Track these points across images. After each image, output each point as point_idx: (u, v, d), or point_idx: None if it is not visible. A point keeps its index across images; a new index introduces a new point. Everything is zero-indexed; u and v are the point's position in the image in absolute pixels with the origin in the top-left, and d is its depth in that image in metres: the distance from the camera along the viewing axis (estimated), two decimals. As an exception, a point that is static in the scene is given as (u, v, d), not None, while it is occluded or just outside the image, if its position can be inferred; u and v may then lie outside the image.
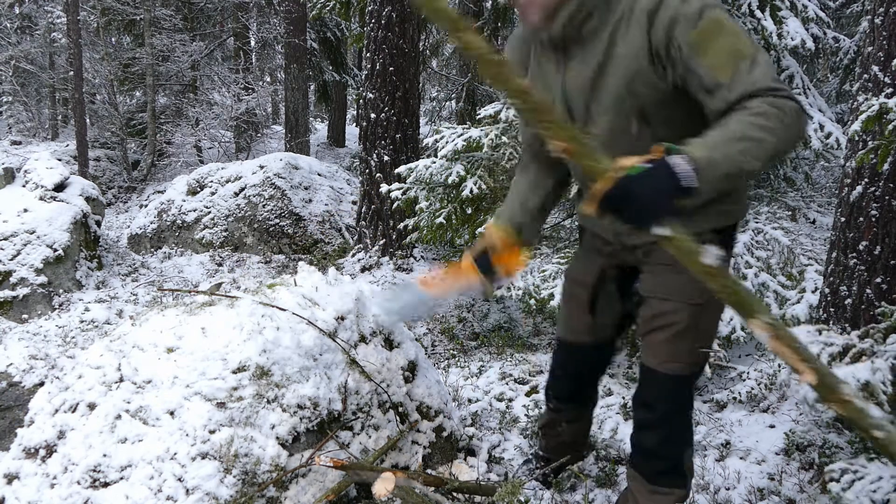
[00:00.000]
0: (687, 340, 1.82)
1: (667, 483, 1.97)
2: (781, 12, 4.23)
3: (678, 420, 1.95)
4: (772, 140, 1.41)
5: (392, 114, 6.39)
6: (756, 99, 1.44)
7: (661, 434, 1.94)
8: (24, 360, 4.38)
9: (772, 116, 1.41)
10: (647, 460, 1.99)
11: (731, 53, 1.48)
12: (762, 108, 1.42)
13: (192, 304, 2.28)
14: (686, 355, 1.84)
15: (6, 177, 6.29)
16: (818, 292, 3.27)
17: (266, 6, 13.59)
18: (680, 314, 1.80)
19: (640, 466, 2.01)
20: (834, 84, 9.90)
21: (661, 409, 1.92)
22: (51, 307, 5.59)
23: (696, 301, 1.77)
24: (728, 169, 1.39)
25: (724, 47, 1.48)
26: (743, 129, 1.41)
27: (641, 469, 2.01)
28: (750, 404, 3.11)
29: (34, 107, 15.79)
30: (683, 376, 1.88)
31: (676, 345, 1.83)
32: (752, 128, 1.41)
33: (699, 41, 1.49)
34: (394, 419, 2.33)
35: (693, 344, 1.83)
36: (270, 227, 7.56)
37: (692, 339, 1.82)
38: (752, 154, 1.40)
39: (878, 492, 2.00)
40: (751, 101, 1.44)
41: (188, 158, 12.49)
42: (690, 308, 1.79)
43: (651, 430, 1.96)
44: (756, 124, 1.41)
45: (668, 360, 1.86)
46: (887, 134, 2.24)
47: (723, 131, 1.43)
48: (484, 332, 4.63)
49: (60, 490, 1.94)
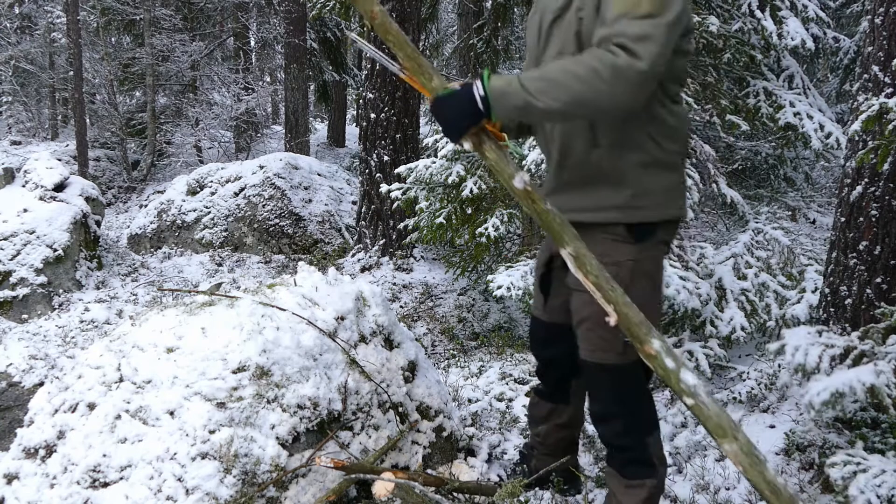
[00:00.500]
0: (607, 328, 1.73)
1: (636, 474, 1.97)
2: (781, 12, 4.23)
3: (628, 409, 1.94)
4: (577, 88, 1.53)
5: (392, 114, 6.39)
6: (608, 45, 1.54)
7: (616, 426, 1.95)
8: (24, 360, 4.38)
9: (589, 68, 1.52)
10: (613, 453, 2.01)
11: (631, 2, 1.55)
12: (589, 57, 1.54)
13: (191, 304, 2.28)
14: (615, 344, 1.83)
15: (6, 177, 6.29)
16: (818, 292, 3.27)
17: (266, 6, 13.59)
18: (594, 302, 1.75)
19: (611, 461, 2.03)
20: (834, 84, 9.90)
21: (606, 398, 1.94)
22: (51, 307, 5.59)
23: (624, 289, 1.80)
24: (517, 102, 1.56)
25: None
26: (552, 71, 1.57)
27: (613, 464, 2.03)
28: (750, 404, 3.11)
29: (34, 107, 15.79)
30: (618, 365, 1.87)
31: (600, 334, 1.84)
32: (561, 72, 1.55)
33: None
34: (394, 419, 2.33)
35: (611, 331, 1.74)
36: (270, 227, 7.56)
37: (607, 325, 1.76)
38: (548, 95, 1.54)
39: (882, 486, 1.99)
40: (604, 44, 1.55)
41: (188, 158, 12.49)
42: None
43: (604, 423, 1.98)
44: (567, 70, 1.54)
45: (597, 349, 1.88)
46: (887, 134, 2.24)
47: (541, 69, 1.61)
48: (484, 332, 4.63)
49: (60, 490, 1.94)
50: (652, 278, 1.88)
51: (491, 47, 8.89)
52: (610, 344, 1.86)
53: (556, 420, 2.39)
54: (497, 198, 4.22)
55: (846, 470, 2.07)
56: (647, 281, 1.85)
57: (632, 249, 1.81)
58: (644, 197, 1.80)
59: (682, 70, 1.83)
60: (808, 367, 2.44)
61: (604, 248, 1.78)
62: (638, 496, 1.99)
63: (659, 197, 1.82)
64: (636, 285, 1.78)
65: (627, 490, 2.00)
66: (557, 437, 2.42)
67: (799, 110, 4.31)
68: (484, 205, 4.27)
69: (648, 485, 1.97)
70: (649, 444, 1.98)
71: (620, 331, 1.73)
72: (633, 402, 1.95)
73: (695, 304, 3.36)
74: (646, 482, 1.97)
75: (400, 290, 5.61)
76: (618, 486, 2.02)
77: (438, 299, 5.38)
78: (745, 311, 3.52)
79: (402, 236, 6.15)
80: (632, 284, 1.75)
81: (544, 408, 2.41)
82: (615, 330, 1.74)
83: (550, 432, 2.42)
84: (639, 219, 1.81)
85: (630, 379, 1.92)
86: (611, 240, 1.82)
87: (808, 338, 2.53)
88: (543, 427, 2.44)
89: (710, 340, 3.45)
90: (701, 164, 4.04)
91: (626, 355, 1.83)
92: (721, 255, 3.77)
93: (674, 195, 1.86)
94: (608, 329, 1.75)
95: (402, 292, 5.58)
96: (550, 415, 2.40)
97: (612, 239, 1.82)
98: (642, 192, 1.79)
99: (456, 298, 5.29)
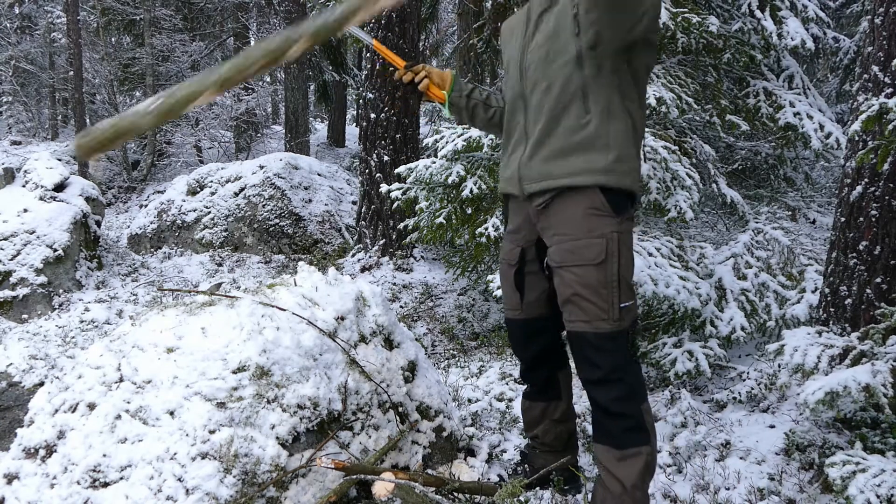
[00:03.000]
0: (599, 297, 1.98)
1: (634, 442, 2.02)
2: (781, 12, 4.23)
3: (626, 374, 2.03)
4: None
5: (392, 114, 6.39)
6: None
7: (616, 390, 2.02)
8: (24, 360, 4.38)
9: None
10: (612, 420, 2.04)
11: None
12: None
13: (192, 304, 2.28)
14: (604, 311, 1.98)
15: (6, 177, 6.29)
16: (818, 292, 3.27)
17: (266, 6, 13.59)
18: (588, 274, 1.98)
19: (603, 436, 2.07)
20: (834, 84, 9.90)
21: (606, 364, 2.01)
22: (51, 307, 5.59)
23: (593, 261, 1.97)
24: None
25: None
26: None
27: (605, 439, 2.06)
28: (750, 404, 3.11)
29: (34, 107, 15.79)
30: (616, 332, 1.99)
31: (597, 303, 1.98)
32: None
33: None
34: (394, 419, 2.33)
35: (607, 299, 1.97)
36: (270, 227, 7.56)
37: (603, 294, 1.98)
38: None
39: (882, 486, 1.99)
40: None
41: (188, 158, 12.50)
42: (590, 267, 1.98)
43: (604, 389, 2.04)
44: None
45: (593, 318, 1.99)
46: (887, 134, 2.24)
47: None
48: (484, 332, 4.63)
49: (60, 490, 1.94)
50: (630, 249, 2.05)
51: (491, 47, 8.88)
52: (606, 312, 1.98)
53: (551, 416, 2.44)
54: (497, 198, 4.22)
55: (845, 470, 2.07)
56: (627, 251, 2.02)
57: (614, 222, 1.98)
58: (625, 162, 1.98)
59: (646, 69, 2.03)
60: (807, 367, 2.44)
61: (590, 224, 1.97)
62: (635, 466, 2.02)
63: (635, 163, 2.01)
64: (622, 255, 1.98)
65: (622, 462, 2.03)
66: (555, 433, 2.45)
67: (799, 110, 4.31)
68: (484, 205, 4.27)
69: (645, 452, 2.02)
70: (644, 410, 2.05)
71: (618, 301, 1.97)
72: (630, 367, 2.05)
73: (695, 304, 3.36)
74: (642, 449, 2.02)
75: (400, 290, 5.61)
76: (611, 460, 2.05)
77: (438, 299, 5.38)
78: (745, 311, 3.52)
79: (402, 236, 6.15)
80: (619, 254, 1.97)
81: (537, 408, 2.45)
82: (611, 298, 1.97)
83: (548, 430, 2.45)
84: (619, 183, 1.98)
85: (625, 344, 2.02)
86: (595, 215, 1.98)
87: (808, 338, 2.53)
88: (540, 427, 2.47)
89: (710, 340, 3.45)
90: (701, 164, 4.04)
91: (622, 321, 1.99)
92: (721, 255, 3.77)
93: (638, 170, 2.04)
94: (604, 298, 1.97)
95: (402, 292, 5.58)
96: (545, 413, 2.44)
97: (596, 214, 1.98)
98: (625, 156, 1.98)
99: (456, 298, 5.29)
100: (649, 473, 2.04)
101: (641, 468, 2.01)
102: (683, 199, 3.54)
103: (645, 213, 3.89)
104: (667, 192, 3.54)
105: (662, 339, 3.55)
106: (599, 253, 1.96)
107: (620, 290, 1.99)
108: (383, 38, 6.26)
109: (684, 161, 3.69)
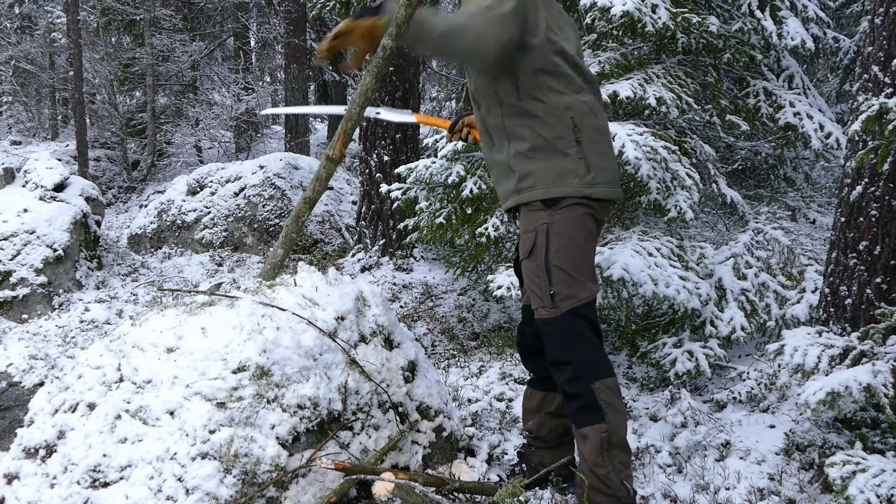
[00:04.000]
0: (538, 286, 2.14)
1: (585, 421, 2.11)
2: (781, 12, 4.23)
3: (572, 357, 2.13)
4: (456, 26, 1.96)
5: (392, 114, 6.38)
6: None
7: (566, 371, 2.13)
8: (24, 360, 4.38)
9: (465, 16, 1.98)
10: (567, 400, 2.16)
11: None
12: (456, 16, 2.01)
13: (192, 304, 2.28)
14: (540, 299, 2.14)
15: (6, 177, 6.29)
16: (818, 292, 3.27)
17: (266, 6, 13.58)
18: (528, 266, 2.17)
19: (569, 413, 2.19)
20: (834, 84, 9.89)
21: (554, 346, 2.15)
22: (51, 307, 5.59)
23: (527, 253, 2.15)
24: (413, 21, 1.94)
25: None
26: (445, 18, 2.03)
27: (571, 416, 2.18)
28: (750, 404, 3.11)
29: (34, 107, 15.78)
30: (554, 318, 2.13)
31: (535, 292, 2.16)
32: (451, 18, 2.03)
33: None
34: (394, 419, 2.33)
35: (541, 287, 2.13)
36: (270, 227, 7.56)
37: (538, 283, 2.14)
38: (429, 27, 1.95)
39: (882, 486, 1.99)
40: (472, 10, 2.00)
41: (188, 158, 12.49)
42: (527, 260, 2.16)
43: (557, 368, 2.17)
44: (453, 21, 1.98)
45: (538, 306, 2.16)
46: (887, 134, 2.24)
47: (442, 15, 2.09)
48: (484, 332, 4.63)
49: (60, 490, 1.94)
50: (568, 237, 2.15)
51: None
52: (541, 299, 2.15)
53: (547, 409, 2.48)
54: (497, 198, 4.22)
55: (845, 470, 2.07)
56: (561, 239, 2.13)
57: (544, 214, 2.14)
58: (527, 179, 2.14)
59: (556, 64, 2.12)
60: (807, 367, 2.44)
61: (527, 220, 2.17)
62: (590, 444, 2.10)
63: (545, 176, 2.13)
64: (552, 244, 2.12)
65: (582, 441, 2.14)
66: (550, 427, 2.49)
67: (799, 110, 4.31)
68: (484, 205, 4.26)
69: (599, 430, 2.09)
70: (597, 389, 2.11)
71: (548, 289, 2.12)
72: (578, 349, 2.14)
73: (695, 304, 3.36)
74: (595, 427, 2.09)
75: (400, 290, 5.61)
76: (578, 439, 2.18)
77: (438, 299, 5.38)
78: (745, 311, 3.52)
79: (402, 236, 6.14)
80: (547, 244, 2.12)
81: (536, 398, 2.51)
82: (543, 286, 2.12)
83: (542, 423, 2.49)
84: (527, 199, 2.15)
85: (566, 328, 2.13)
86: (532, 211, 2.17)
87: (808, 338, 2.53)
88: (535, 420, 2.50)
89: (710, 340, 3.45)
90: (701, 164, 4.04)
91: (557, 308, 2.12)
92: (721, 255, 3.77)
93: (562, 176, 2.13)
94: (539, 286, 2.14)
95: (402, 292, 5.58)
96: (541, 404, 2.49)
97: (532, 210, 2.17)
98: (525, 174, 2.15)
99: (456, 298, 5.29)
100: (609, 449, 2.10)
101: (597, 445, 2.09)
102: (683, 199, 3.54)
103: (645, 213, 3.89)
104: (667, 192, 3.54)
105: (662, 339, 3.55)
106: (530, 244, 2.15)
107: (550, 278, 2.10)
108: (383, 38, 6.26)
109: (684, 161, 3.68)
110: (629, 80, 3.81)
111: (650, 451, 2.77)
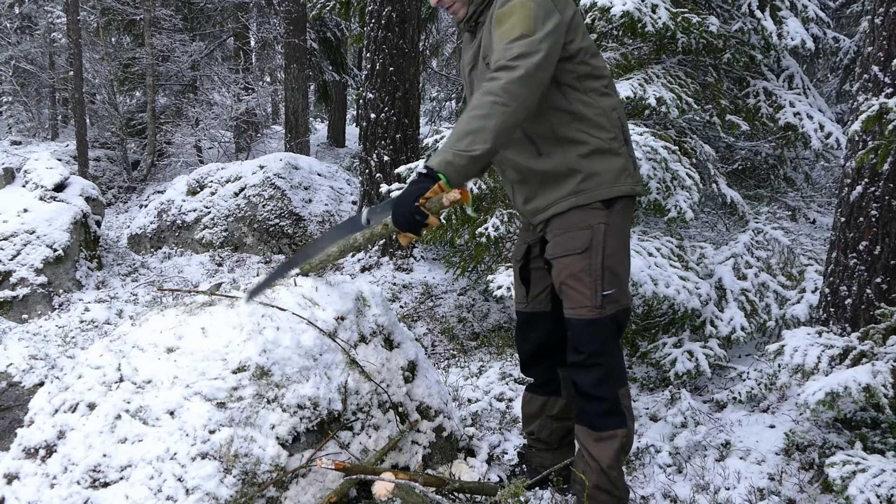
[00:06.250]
0: (587, 284, 2.10)
1: (609, 425, 2.13)
2: (781, 12, 4.23)
3: (606, 359, 2.13)
4: (491, 123, 1.83)
5: (392, 114, 6.38)
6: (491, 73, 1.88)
7: (595, 374, 2.13)
8: (24, 360, 4.38)
9: (488, 103, 1.84)
10: (590, 403, 2.15)
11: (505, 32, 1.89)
12: (481, 96, 1.85)
13: (192, 304, 2.28)
14: (587, 298, 2.10)
15: (6, 177, 6.29)
16: (818, 292, 3.27)
17: (266, 6, 13.58)
18: (574, 263, 2.11)
19: (582, 417, 2.18)
20: (834, 84, 9.89)
21: (588, 349, 2.12)
22: (51, 307, 5.59)
23: (578, 250, 2.10)
24: (462, 161, 1.83)
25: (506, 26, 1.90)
26: (464, 126, 1.85)
27: (584, 420, 2.17)
28: (750, 404, 3.11)
29: (34, 107, 15.77)
30: (597, 319, 2.11)
31: (581, 290, 2.11)
32: (471, 121, 1.84)
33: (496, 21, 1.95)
34: (394, 419, 2.33)
35: (590, 287, 2.09)
36: (270, 227, 7.56)
37: (586, 282, 2.10)
38: (478, 141, 1.83)
39: (882, 486, 1.99)
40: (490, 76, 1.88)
41: (188, 158, 12.48)
42: (575, 256, 2.10)
43: (584, 372, 2.15)
44: (474, 116, 1.84)
45: (577, 305, 2.12)
46: (887, 134, 2.24)
47: (453, 132, 1.88)
48: (484, 332, 4.63)
49: (60, 490, 1.94)
50: (620, 240, 2.16)
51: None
52: (589, 299, 2.10)
53: (549, 412, 2.49)
54: (497, 198, 4.22)
55: (845, 470, 2.08)
56: (615, 242, 2.13)
57: (601, 213, 2.10)
58: (592, 179, 2.10)
59: (594, 67, 2.11)
60: (807, 367, 2.44)
61: (580, 217, 2.11)
62: (611, 447, 2.13)
63: (608, 175, 2.11)
64: (608, 245, 2.09)
65: (598, 443, 2.14)
66: (551, 429, 2.50)
67: (799, 110, 4.31)
68: (484, 205, 4.26)
69: (620, 434, 2.13)
70: (622, 395, 2.16)
71: (600, 289, 2.08)
72: (611, 353, 2.15)
73: (695, 304, 3.36)
74: (618, 432, 2.13)
75: (400, 290, 5.61)
76: (589, 441, 2.17)
77: (438, 299, 5.38)
78: (745, 311, 3.52)
79: (402, 236, 6.13)
80: (605, 244, 2.09)
81: (536, 402, 2.51)
82: (594, 286, 2.09)
83: (544, 426, 2.50)
84: (588, 199, 2.10)
85: (607, 331, 2.13)
86: (584, 209, 2.12)
87: (808, 338, 2.53)
88: (536, 423, 2.51)
89: (710, 340, 3.45)
90: (701, 164, 4.04)
91: (604, 309, 2.10)
92: (721, 255, 3.77)
93: (620, 175, 2.13)
94: (586, 285, 2.09)
95: (402, 292, 5.58)
96: (543, 408, 2.49)
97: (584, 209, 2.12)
98: (590, 174, 2.09)
99: (456, 298, 5.29)
100: (624, 453, 2.18)
101: (616, 449, 2.13)
102: (683, 199, 3.54)
103: (645, 213, 3.89)
104: (667, 192, 3.54)
105: (662, 339, 3.55)
106: (585, 242, 2.09)
107: (604, 278, 2.08)
108: (383, 37, 6.26)
109: (684, 161, 3.69)
110: (629, 80, 3.81)
111: (650, 451, 2.77)
